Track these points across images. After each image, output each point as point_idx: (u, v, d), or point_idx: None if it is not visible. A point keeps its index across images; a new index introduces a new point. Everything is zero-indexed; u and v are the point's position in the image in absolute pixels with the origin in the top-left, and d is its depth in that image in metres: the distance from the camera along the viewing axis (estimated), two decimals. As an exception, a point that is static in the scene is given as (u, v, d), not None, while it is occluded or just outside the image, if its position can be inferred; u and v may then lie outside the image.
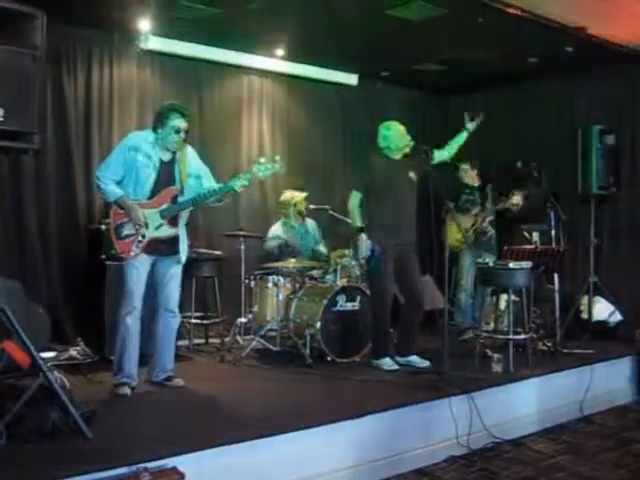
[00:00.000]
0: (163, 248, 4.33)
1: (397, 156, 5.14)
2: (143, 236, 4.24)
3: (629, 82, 6.71)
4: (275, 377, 4.90)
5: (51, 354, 5.05)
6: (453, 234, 6.00)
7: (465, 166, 6.59)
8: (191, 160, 4.44)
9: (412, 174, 5.13)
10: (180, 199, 4.33)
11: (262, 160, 4.37)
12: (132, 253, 4.23)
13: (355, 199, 5.10)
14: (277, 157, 4.42)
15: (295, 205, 6.35)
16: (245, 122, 7.02)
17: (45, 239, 5.74)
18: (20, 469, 2.88)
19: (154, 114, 4.42)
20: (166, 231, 4.30)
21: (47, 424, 3.22)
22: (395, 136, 5.10)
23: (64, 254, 5.82)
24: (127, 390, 4.20)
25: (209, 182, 4.47)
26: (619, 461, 4.27)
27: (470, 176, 6.61)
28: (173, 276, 4.40)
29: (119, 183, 4.25)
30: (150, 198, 4.27)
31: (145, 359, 4.48)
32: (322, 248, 6.43)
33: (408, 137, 5.07)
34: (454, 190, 6.34)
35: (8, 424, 3.11)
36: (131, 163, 4.22)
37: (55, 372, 3.51)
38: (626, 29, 5.81)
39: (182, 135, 4.31)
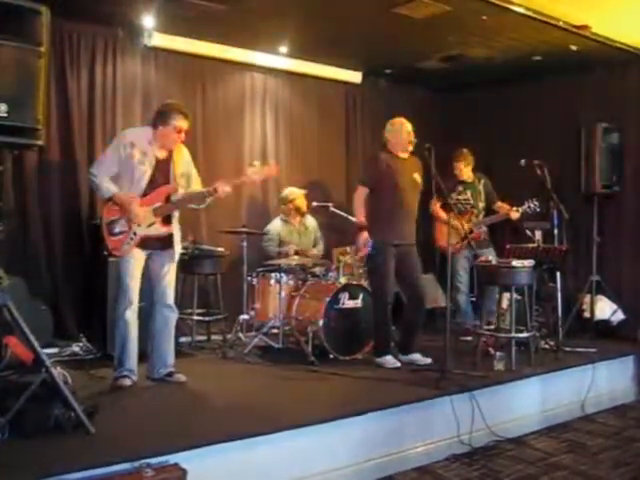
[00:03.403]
0: (157, 244, 4.34)
1: (402, 154, 5.13)
2: (134, 234, 4.23)
3: (633, 80, 6.69)
4: (277, 374, 4.89)
5: (53, 350, 5.08)
6: (442, 239, 5.96)
7: (459, 164, 6.47)
8: (185, 160, 4.46)
9: (416, 175, 5.13)
10: (173, 198, 4.34)
11: (256, 163, 4.42)
12: (123, 250, 4.24)
13: (361, 194, 5.10)
14: (272, 161, 4.45)
15: (292, 201, 6.36)
16: (248, 119, 7.01)
17: (48, 235, 5.74)
18: (22, 464, 2.88)
19: (155, 112, 4.41)
20: (158, 230, 4.30)
21: (50, 420, 3.23)
22: (397, 131, 5.09)
23: (67, 250, 5.82)
24: (128, 381, 4.21)
25: (196, 185, 4.49)
26: (621, 460, 4.27)
27: (465, 173, 6.48)
28: (168, 271, 4.40)
29: (113, 180, 4.25)
30: (144, 196, 4.26)
31: (145, 357, 4.48)
32: (317, 251, 6.43)
33: (412, 135, 5.06)
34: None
35: (11, 419, 3.11)
36: (127, 160, 4.22)
37: (58, 368, 3.52)
38: (631, 27, 5.80)
39: (182, 135, 4.31)
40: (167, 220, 4.35)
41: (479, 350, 5.09)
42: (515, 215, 6.14)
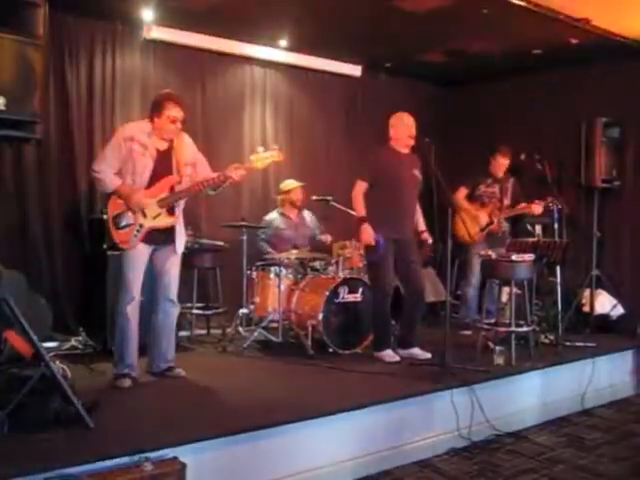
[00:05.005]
0: (161, 238, 4.32)
1: (403, 149, 5.12)
2: (141, 226, 4.21)
3: (634, 74, 6.67)
4: (276, 368, 4.90)
5: (53, 344, 5.07)
6: (462, 229, 5.91)
7: (504, 160, 6.24)
8: (188, 149, 4.43)
9: (417, 171, 5.12)
10: (178, 188, 4.33)
11: (260, 150, 4.36)
12: (130, 243, 4.22)
13: (359, 188, 5.09)
14: (275, 146, 4.41)
15: (288, 192, 6.35)
16: (248, 112, 7.00)
17: (47, 229, 5.74)
18: (22, 458, 2.87)
19: (151, 104, 4.39)
20: (164, 220, 4.28)
21: (49, 414, 3.22)
22: (398, 126, 5.08)
23: (66, 244, 5.83)
24: (128, 383, 4.18)
25: (205, 171, 4.47)
26: (620, 454, 4.28)
27: (499, 165, 6.29)
28: (172, 265, 4.38)
29: (116, 174, 4.23)
30: (148, 188, 4.24)
31: (145, 350, 4.47)
32: (323, 237, 6.40)
33: (413, 130, 5.04)
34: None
35: (10, 413, 3.11)
36: (127, 153, 4.20)
37: (57, 362, 3.52)
38: (631, 20, 5.78)
39: (178, 125, 4.29)
40: (172, 211, 4.34)
41: (479, 344, 5.10)
42: (538, 209, 5.98)
